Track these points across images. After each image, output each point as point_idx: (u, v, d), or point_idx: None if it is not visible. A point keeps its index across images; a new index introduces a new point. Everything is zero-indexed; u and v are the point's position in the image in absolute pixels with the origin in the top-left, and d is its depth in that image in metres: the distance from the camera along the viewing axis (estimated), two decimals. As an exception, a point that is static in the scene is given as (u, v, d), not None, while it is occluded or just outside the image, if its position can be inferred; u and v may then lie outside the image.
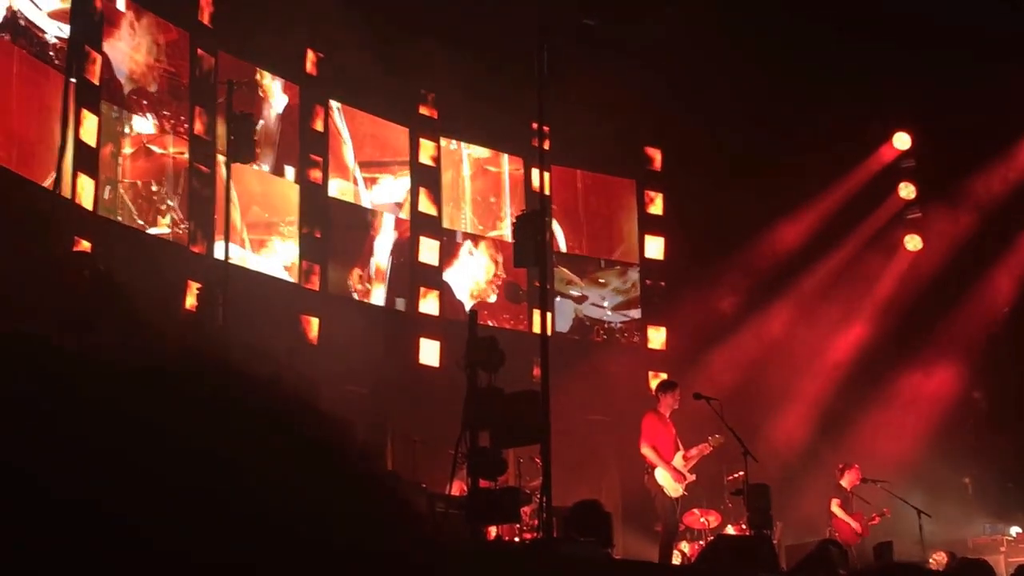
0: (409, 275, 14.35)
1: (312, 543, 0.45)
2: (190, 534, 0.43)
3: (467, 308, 14.46)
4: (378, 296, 14.15)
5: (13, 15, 10.57)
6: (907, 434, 14.72)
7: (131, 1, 11.94)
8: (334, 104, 13.98)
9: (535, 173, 14.21)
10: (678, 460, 10.92)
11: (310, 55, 13.63)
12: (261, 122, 12.92)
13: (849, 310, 15.71)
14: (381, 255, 14.24)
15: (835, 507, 12.69)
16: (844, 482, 12.81)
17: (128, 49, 11.89)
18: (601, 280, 15.98)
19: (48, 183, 10.28)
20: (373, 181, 14.35)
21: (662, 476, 10.81)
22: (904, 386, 15.26)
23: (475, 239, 15.06)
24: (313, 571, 0.46)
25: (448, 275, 14.74)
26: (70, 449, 0.44)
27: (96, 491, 0.44)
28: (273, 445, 0.51)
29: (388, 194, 14.44)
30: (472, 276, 14.94)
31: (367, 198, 14.25)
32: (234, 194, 12.30)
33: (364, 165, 14.26)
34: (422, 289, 14.36)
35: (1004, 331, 15.42)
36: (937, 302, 15.47)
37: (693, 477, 11.06)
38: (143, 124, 12.02)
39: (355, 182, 14.16)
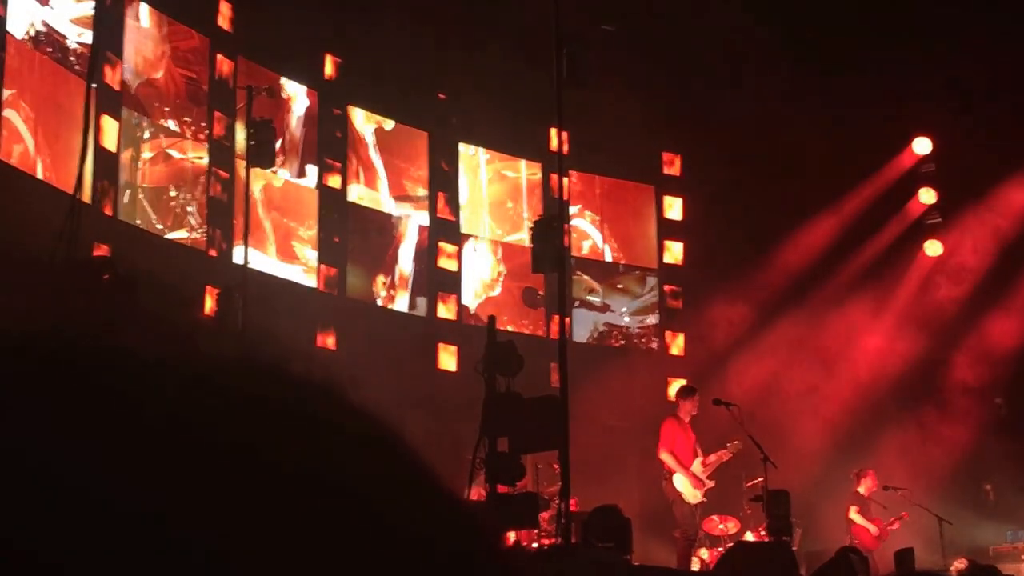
0: (428, 281, 14.37)
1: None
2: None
3: (471, 309, 14.50)
4: (402, 303, 14.19)
5: (35, 22, 10.64)
6: (928, 440, 14.63)
7: (153, 7, 11.99)
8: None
9: (553, 178, 14.23)
10: (697, 466, 10.89)
11: (329, 60, 13.66)
12: (285, 130, 12.98)
13: (870, 316, 15.62)
14: (405, 262, 14.28)
15: (854, 514, 12.63)
16: (861, 488, 12.75)
17: (149, 55, 11.95)
18: (620, 286, 15.94)
19: (68, 188, 10.33)
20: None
21: (681, 482, 10.77)
22: (925, 392, 15.17)
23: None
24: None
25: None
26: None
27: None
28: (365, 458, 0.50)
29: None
30: (477, 275, 14.93)
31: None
32: (255, 199, 12.35)
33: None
34: (440, 294, 14.38)
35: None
36: (958, 307, 15.37)
37: (712, 483, 11.02)
38: (163, 129, 12.07)
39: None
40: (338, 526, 0.47)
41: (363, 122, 14.16)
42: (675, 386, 13.20)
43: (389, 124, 14.43)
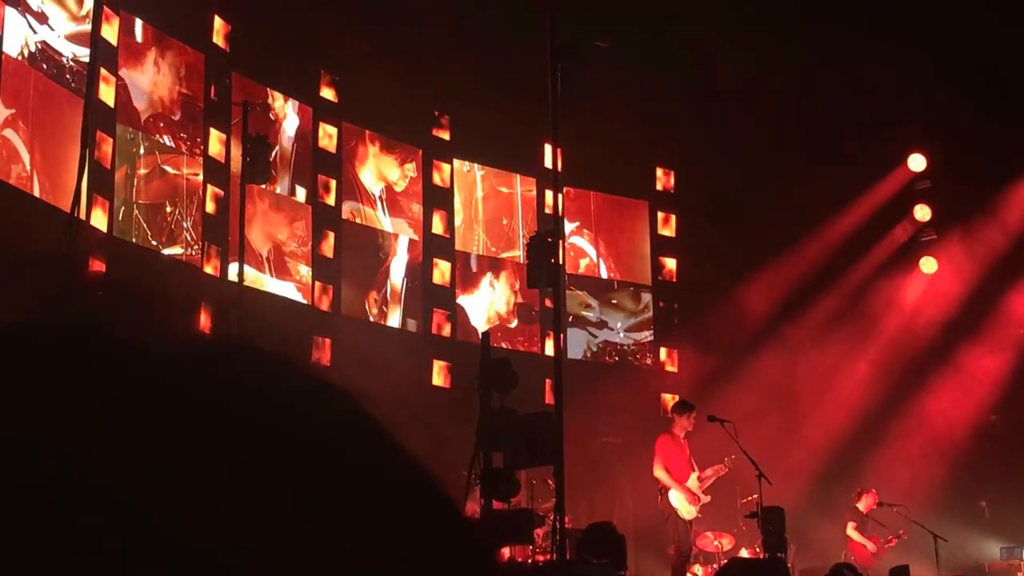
0: (422, 297, 14.37)
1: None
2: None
3: (480, 333, 14.50)
4: (395, 319, 14.19)
5: (30, 40, 10.65)
6: (923, 457, 14.63)
7: (148, 24, 12.02)
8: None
9: (548, 194, 14.25)
10: (692, 482, 10.88)
11: (324, 77, 13.69)
12: (276, 146, 12.99)
13: (865, 333, 15.63)
14: (396, 278, 14.28)
15: (851, 530, 12.64)
16: (861, 505, 12.76)
17: (144, 71, 11.97)
18: (614, 302, 15.95)
19: (65, 206, 10.33)
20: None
21: (676, 498, 10.76)
22: (921, 409, 15.17)
23: (495, 269, 15.05)
24: None
25: (465, 300, 14.74)
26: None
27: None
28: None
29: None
30: (491, 305, 14.95)
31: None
32: (250, 215, 12.34)
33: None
34: (435, 310, 14.37)
35: (1022, 353, 15.32)
36: (953, 324, 15.38)
37: (707, 499, 11.01)
38: (158, 146, 12.08)
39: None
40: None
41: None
42: (670, 402, 13.20)
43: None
